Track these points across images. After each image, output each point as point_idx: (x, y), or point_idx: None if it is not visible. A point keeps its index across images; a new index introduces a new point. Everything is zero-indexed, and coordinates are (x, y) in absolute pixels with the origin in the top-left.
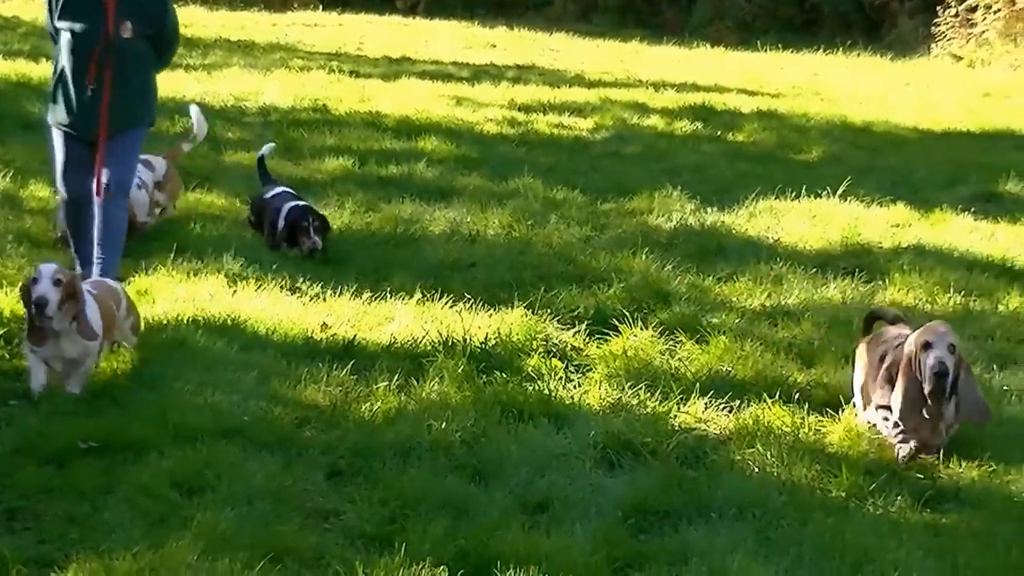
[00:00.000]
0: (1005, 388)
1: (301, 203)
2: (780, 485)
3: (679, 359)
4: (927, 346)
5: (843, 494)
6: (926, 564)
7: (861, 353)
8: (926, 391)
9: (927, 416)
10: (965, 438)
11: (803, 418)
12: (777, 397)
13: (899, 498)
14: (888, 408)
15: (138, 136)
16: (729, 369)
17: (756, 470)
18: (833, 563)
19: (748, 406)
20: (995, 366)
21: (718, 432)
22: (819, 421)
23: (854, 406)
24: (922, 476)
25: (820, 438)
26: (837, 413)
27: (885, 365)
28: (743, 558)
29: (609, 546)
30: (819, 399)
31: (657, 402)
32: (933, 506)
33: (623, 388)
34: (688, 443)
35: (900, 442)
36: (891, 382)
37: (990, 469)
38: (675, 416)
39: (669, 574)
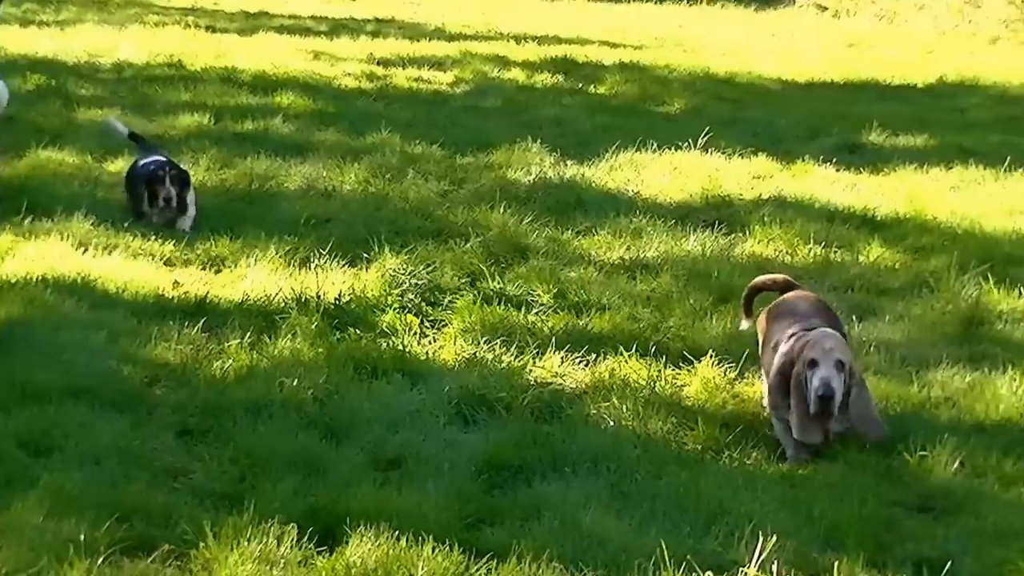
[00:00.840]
0: (864, 339)
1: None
2: (635, 438)
3: (535, 313)
4: (813, 364)
5: (699, 447)
6: (780, 516)
7: (762, 324)
8: (812, 411)
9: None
10: None
11: (660, 371)
12: (634, 350)
13: (755, 451)
14: (783, 421)
15: None
16: (586, 323)
17: (611, 424)
18: (687, 516)
19: (604, 360)
20: (855, 317)
21: (574, 386)
22: (676, 374)
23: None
24: (771, 431)
25: (677, 391)
26: (694, 366)
27: (779, 363)
28: (596, 512)
29: (461, 502)
30: (676, 352)
31: (513, 357)
32: (785, 456)
33: (478, 343)
34: (543, 397)
35: (795, 455)
36: (783, 387)
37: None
38: (530, 371)
39: (522, 529)
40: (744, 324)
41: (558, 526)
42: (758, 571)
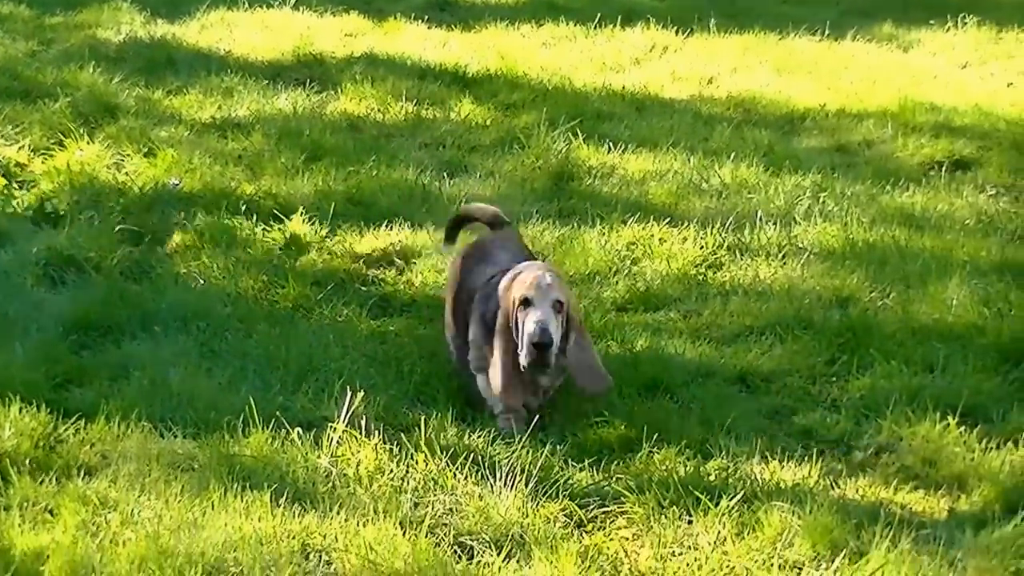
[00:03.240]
0: (455, 195)
1: None
2: (226, 297)
3: (126, 173)
4: (526, 303)
5: (289, 305)
6: (371, 372)
7: (453, 275)
8: (522, 361)
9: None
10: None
11: (251, 229)
12: (225, 209)
13: (346, 308)
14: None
15: None
16: (177, 182)
17: (202, 282)
18: (277, 373)
19: (196, 218)
20: (446, 174)
21: (163, 245)
22: (267, 232)
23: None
24: (365, 287)
25: (268, 249)
26: (285, 224)
27: (480, 311)
28: (186, 370)
29: (49, 363)
30: (267, 209)
31: (102, 216)
32: (379, 314)
33: (68, 203)
34: (133, 257)
35: (504, 420)
36: (489, 339)
37: (444, 280)
38: (120, 229)
39: (110, 389)
40: (445, 247)
41: (147, 385)
42: (347, 426)
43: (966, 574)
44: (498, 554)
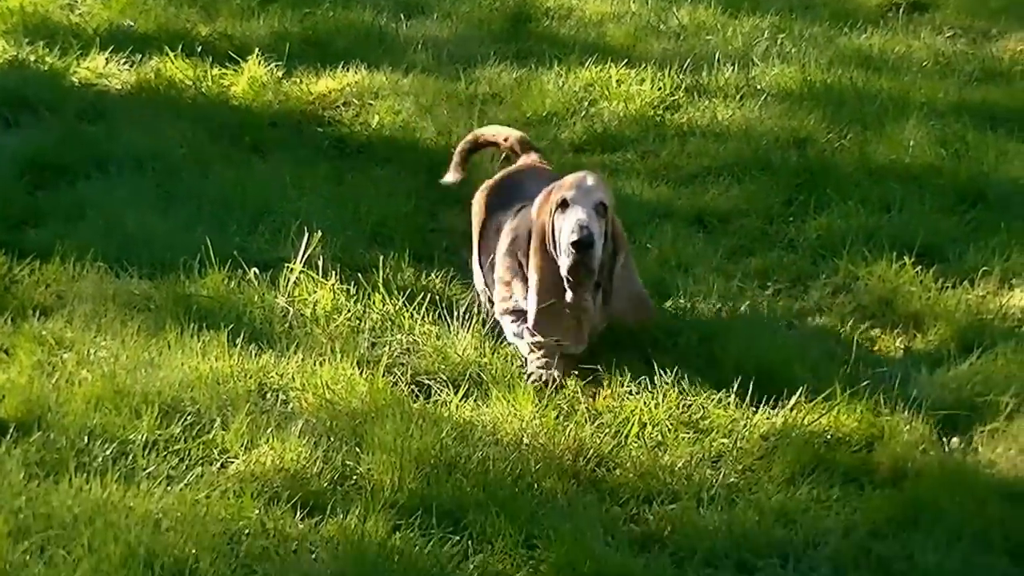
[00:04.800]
0: (412, 37)
1: None
2: (181, 139)
3: (80, 14)
4: (564, 205)
5: (246, 146)
6: (327, 213)
7: (478, 208)
8: (563, 269)
9: (569, 313)
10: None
11: (206, 71)
12: (180, 50)
13: (302, 149)
14: (517, 313)
15: None
16: (131, 23)
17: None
18: (234, 214)
19: (150, 60)
20: (403, 15)
21: (119, 87)
22: (223, 73)
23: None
24: (322, 128)
25: (223, 91)
26: (241, 65)
27: (510, 240)
28: (141, 211)
29: (3, 204)
30: (222, 51)
31: (56, 58)
32: (335, 156)
33: (20, 45)
34: (88, 98)
35: (539, 366)
36: (520, 272)
37: (400, 121)
38: (74, 72)
39: (65, 229)
40: (451, 177)
41: (102, 225)
42: (304, 267)
43: (922, 411)
44: (455, 393)
